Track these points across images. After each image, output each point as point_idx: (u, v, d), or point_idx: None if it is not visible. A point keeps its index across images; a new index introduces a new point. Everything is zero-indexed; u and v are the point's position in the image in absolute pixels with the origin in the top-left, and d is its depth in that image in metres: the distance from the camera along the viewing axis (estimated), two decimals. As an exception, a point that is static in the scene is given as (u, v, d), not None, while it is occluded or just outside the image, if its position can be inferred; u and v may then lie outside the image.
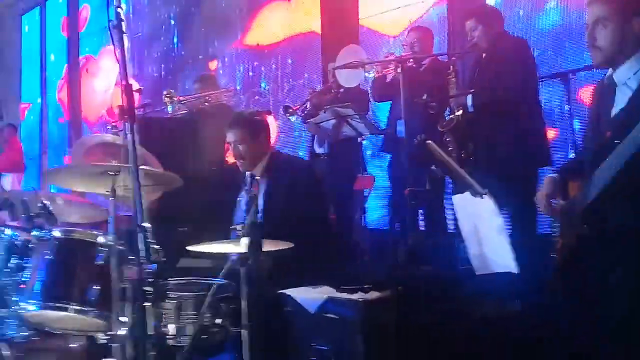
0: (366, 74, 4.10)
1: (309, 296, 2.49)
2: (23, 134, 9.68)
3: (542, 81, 3.58)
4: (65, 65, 9.20)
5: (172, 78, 7.20)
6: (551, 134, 3.74)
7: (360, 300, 2.35)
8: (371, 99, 4.50)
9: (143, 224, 1.66)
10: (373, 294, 2.40)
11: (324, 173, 4.19)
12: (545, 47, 4.08)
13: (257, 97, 6.30)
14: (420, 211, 4.09)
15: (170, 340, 2.38)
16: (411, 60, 3.85)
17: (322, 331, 2.42)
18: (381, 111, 4.66)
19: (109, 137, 3.31)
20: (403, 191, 3.57)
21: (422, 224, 4.21)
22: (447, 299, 2.48)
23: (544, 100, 3.64)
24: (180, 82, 6.94)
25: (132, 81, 1.97)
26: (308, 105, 4.60)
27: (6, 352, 2.60)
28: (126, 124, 1.84)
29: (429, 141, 2.51)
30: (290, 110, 4.61)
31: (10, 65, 10.57)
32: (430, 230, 4.09)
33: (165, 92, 4.80)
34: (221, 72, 6.63)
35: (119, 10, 1.84)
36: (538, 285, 2.43)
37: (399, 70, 3.68)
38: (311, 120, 4.25)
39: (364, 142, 4.42)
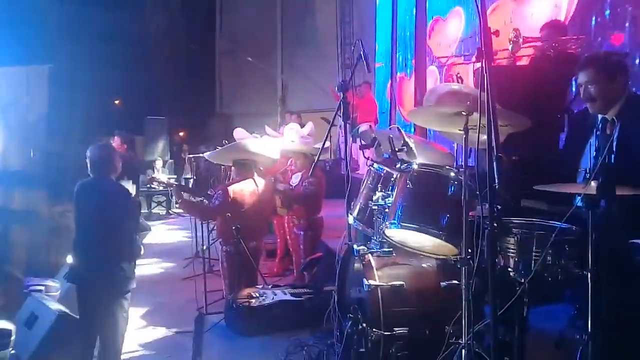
0: None
1: (667, 248, 2.28)
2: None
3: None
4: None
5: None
6: None
7: None
8: None
9: (499, 155, 1.81)
10: None
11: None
12: None
13: (609, 41, 5.69)
14: None
15: (512, 273, 2.53)
16: None
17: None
18: None
19: (455, 86, 3.57)
20: None
21: None
22: None
23: None
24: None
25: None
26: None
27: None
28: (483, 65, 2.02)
29: None
30: None
31: (367, 29, 12.03)
32: None
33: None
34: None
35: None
36: None
37: None
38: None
39: None
